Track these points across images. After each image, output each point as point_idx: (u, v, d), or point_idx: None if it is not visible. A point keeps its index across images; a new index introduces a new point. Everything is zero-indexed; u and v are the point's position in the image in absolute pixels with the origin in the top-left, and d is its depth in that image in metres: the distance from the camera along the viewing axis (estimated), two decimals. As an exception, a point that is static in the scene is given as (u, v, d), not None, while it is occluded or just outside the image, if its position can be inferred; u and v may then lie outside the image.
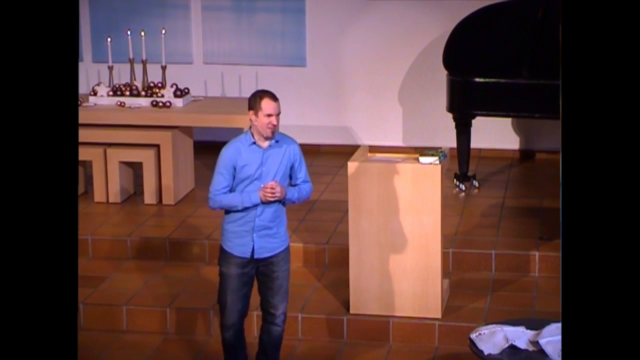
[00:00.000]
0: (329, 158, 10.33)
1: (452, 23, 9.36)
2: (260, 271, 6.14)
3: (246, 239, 6.04)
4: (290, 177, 6.14)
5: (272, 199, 5.96)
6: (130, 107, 9.14)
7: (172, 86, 9.27)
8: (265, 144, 6.02)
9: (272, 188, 5.93)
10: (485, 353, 5.51)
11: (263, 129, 5.95)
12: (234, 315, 6.15)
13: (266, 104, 5.93)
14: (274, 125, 5.96)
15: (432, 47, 10.12)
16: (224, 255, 6.10)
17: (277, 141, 6.05)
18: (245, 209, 6.00)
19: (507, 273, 7.72)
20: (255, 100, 5.97)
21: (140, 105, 9.18)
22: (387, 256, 6.97)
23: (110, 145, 9.05)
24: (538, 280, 7.62)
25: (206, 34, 10.63)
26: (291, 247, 7.90)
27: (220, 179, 6.04)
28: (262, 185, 5.96)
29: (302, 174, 6.14)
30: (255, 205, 5.99)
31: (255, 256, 6.06)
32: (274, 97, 5.97)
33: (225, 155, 6.03)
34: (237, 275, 6.08)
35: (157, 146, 8.99)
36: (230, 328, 6.17)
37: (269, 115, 5.92)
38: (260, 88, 10.55)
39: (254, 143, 6.02)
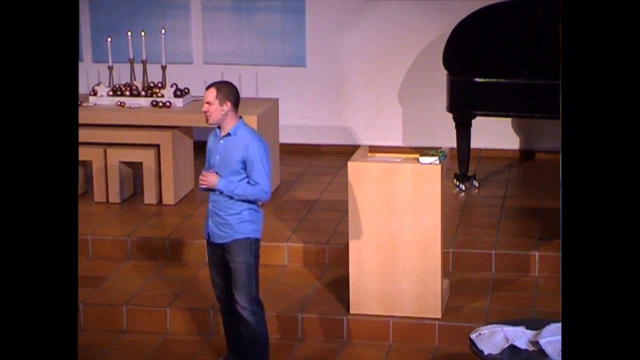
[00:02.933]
0: (329, 158, 10.33)
1: (452, 23, 9.36)
2: (224, 257, 6.38)
3: (207, 220, 6.38)
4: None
5: (202, 186, 6.28)
6: (130, 107, 9.14)
7: (172, 86, 9.27)
8: (223, 133, 6.30)
9: (203, 176, 6.26)
10: (485, 353, 5.51)
11: None
12: (215, 288, 6.52)
13: None
14: (204, 111, 6.25)
15: (432, 47, 10.12)
16: None
17: (229, 134, 6.27)
18: (208, 191, 6.33)
19: (507, 273, 7.72)
20: None
21: (140, 105, 9.18)
22: (387, 256, 6.97)
23: (110, 145, 9.05)
24: (538, 280, 7.62)
25: (206, 34, 10.63)
26: (291, 247, 7.96)
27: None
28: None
29: (253, 174, 6.21)
30: (212, 191, 6.28)
31: (210, 239, 6.37)
32: (209, 85, 6.29)
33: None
34: (209, 252, 6.47)
35: (157, 146, 8.99)
36: (218, 300, 6.55)
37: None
38: (260, 88, 10.64)
39: (215, 132, 6.36)
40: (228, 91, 6.24)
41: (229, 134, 6.25)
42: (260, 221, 6.35)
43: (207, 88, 6.25)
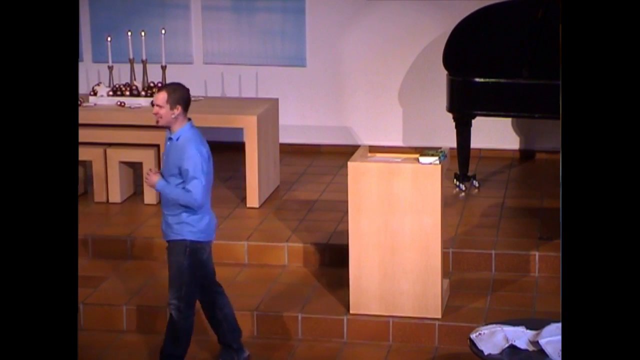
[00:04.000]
0: (329, 158, 10.33)
1: (452, 23, 9.36)
2: None
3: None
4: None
5: (146, 183, 6.47)
6: (130, 107, 9.14)
7: (172, 86, 9.26)
8: (170, 136, 6.38)
9: (146, 174, 6.41)
10: (485, 353, 5.51)
11: None
12: None
13: None
14: (155, 115, 6.32)
15: (432, 47, 10.12)
16: None
17: (171, 138, 6.35)
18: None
19: (507, 273, 7.72)
20: None
21: (140, 105, 9.17)
22: (387, 256, 6.97)
23: (110, 145, 9.05)
24: (538, 280, 7.62)
25: (206, 34, 10.63)
26: (291, 247, 7.97)
27: None
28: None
29: (186, 181, 6.25)
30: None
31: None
32: (160, 88, 6.41)
33: None
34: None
35: (157, 146, 8.98)
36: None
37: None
38: (260, 88, 10.63)
39: (167, 132, 6.43)
40: (179, 95, 6.30)
41: (171, 138, 6.34)
42: (200, 224, 6.36)
43: (159, 90, 6.32)
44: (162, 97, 6.27)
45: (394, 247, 6.95)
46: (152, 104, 6.40)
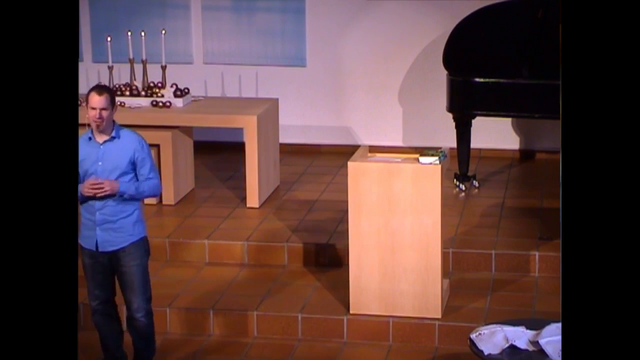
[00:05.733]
0: (329, 158, 10.33)
1: (452, 23, 9.36)
2: (113, 264, 6.27)
3: (92, 231, 6.20)
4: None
5: (99, 194, 6.07)
6: (130, 107, 9.14)
7: (172, 86, 9.27)
8: (102, 138, 6.18)
9: (91, 184, 6.07)
10: (485, 353, 5.51)
11: (91, 122, 6.14)
12: (93, 301, 6.37)
13: (91, 98, 6.11)
14: (97, 119, 6.09)
15: (432, 47, 10.12)
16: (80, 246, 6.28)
17: (113, 137, 6.18)
18: (87, 201, 6.14)
19: (507, 273, 7.72)
20: (87, 94, 6.18)
21: (140, 105, 9.17)
22: (387, 256, 6.97)
23: (110, 145, 9.04)
24: (538, 280, 7.62)
25: (206, 34, 10.63)
26: (291, 247, 7.97)
27: None
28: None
29: (145, 170, 6.20)
30: (94, 200, 6.11)
31: (100, 249, 6.21)
32: (99, 91, 6.12)
33: None
34: (89, 264, 6.28)
35: (157, 146, 8.98)
36: (94, 312, 6.41)
37: (93, 109, 6.08)
38: (260, 88, 10.62)
39: (91, 138, 6.20)
40: (113, 94, 6.21)
41: (113, 137, 6.17)
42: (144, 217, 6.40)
43: (100, 94, 6.08)
44: (104, 99, 6.07)
45: (394, 247, 6.95)
46: (88, 106, 6.12)
